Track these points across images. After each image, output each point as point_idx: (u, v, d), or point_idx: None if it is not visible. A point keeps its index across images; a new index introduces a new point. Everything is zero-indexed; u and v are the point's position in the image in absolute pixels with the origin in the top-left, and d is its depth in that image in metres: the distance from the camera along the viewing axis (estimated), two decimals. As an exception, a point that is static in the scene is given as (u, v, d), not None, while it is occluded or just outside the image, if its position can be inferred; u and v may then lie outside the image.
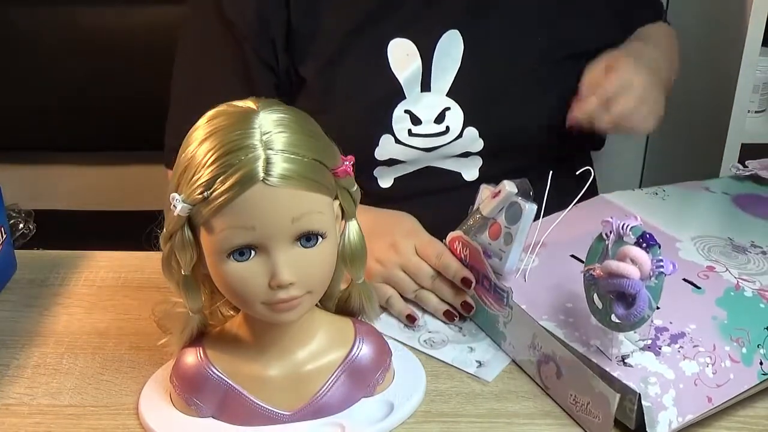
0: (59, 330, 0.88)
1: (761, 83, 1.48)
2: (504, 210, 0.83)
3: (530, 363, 0.80)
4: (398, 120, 1.02)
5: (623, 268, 0.68)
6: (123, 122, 1.61)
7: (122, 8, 1.58)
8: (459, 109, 1.03)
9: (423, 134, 1.03)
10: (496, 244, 0.83)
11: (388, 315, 0.88)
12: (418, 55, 1.02)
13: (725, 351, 0.74)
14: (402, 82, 1.02)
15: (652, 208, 0.94)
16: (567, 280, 0.81)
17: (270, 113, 0.66)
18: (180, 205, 0.65)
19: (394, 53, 1.02)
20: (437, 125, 1.03)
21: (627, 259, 0.69)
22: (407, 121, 1.02)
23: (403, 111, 1.02)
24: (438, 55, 1.03)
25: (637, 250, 0.69)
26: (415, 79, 1.02)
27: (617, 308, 0.70)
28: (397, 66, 1.02)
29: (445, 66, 1.03)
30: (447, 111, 1.03)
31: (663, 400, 0.71)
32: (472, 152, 1.05)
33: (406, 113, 1.03)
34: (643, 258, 0.68)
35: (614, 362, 0.73)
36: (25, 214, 1.54)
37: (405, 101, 1.02)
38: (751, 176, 1.03)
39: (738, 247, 0.87)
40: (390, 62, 1.02)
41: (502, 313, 0.82)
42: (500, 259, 0.83)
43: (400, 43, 1.02)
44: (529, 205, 0.81)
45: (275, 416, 0.73)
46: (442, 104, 1.03)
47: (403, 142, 1.03)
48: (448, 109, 1.03)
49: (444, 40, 1.03)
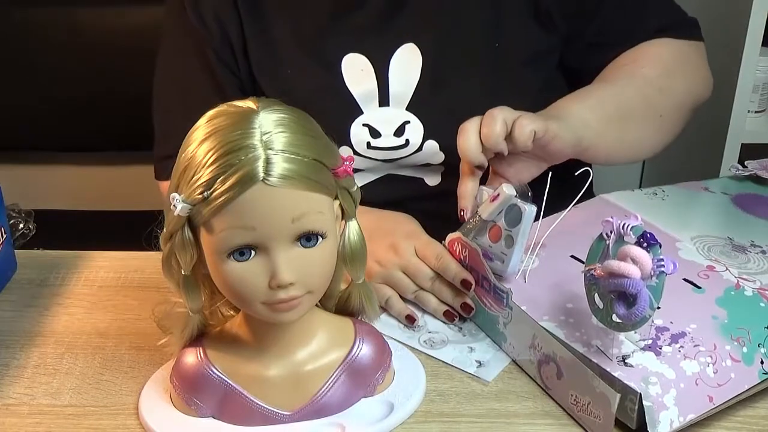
0: (59, 330, 0.88)
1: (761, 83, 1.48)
2: (503, 213, 0.83)
3: (531, 363, 0.80)
4: (356, 134, 1.02)
5: (624, 267, 0.68)
6: (123, 122, 1.61)
7: (122, 8, 1.58)
8: (419, 123, 1.03)
9: (382, 147, 1.03)
10: (497, 246, 0.83)
11: (388, 315, 0.88)
12: (373, 70, 1.02)
13: (726, 350, 0.74)
14: (357, 98, 1.02)
15: (651, 208, 0.94)
16: (567, 280, 0.81)
17: (270, 113, 0.66)
18: (180, 205, 0.65)
19: (348, 69, 1.02)
20: (397, 138, 1.03)
21: (628, 259, 0.69)
22: (366, 134, 1.02)
23: (361, 125, 1.02)
24: (395, 69, 1.02)
25: (638, 249, 0.69)
26: (370, 95, 1.02)
27: (618, 308, 0.69)
28: (351, 82, 1.02)
29: (404, 79, 1.02)
30: (407, 124, 1.03)
31: (664, 399, 0.71)
32: (433, 164, 1.05)
33: (365, 126, 1.02)
34: (644, 257, 0.68)
35: (615, 362, 0.73)
36: (25, 214, 1.55)
37: (363, 116, 1.02)
38: (751, 176, 1.03)
39: (738, 247, 0.87)
40: (344, 78, 1.02)
41: (502, 314, 0.82)
42: (502, 261, 0.83)
43: (354, 59, 1.02)
44: (529, 207, 0.81)
45: (275, 416, 0.73)
46: (401, 118, 1.02)
47: (362, 154, 1.03)
48: (408, 122, 1.03)
49: (400, 53, 1.02)
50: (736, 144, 1.47)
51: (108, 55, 1.58)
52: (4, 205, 0.94)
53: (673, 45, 1.07)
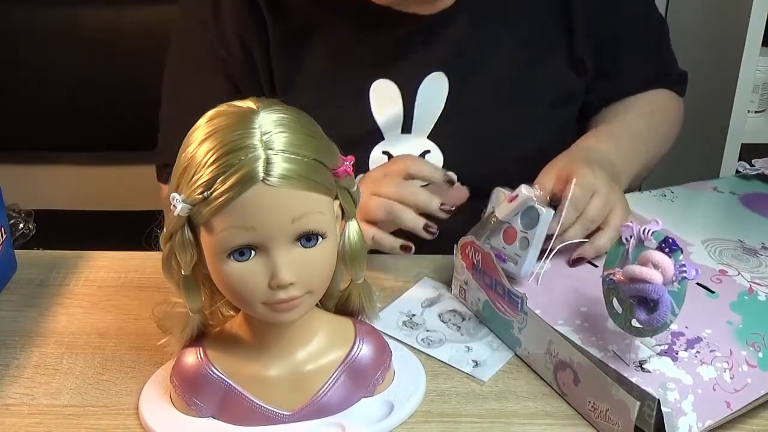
0: (59, 330, 0.88)
1: (761, 83, 1.48)
2: (520, 214, 0.83)
3: (547, 369, 0.79)
4: (375, 160, 1.01)
5: (646, 272, 0.68)
6: (123, 122, 1.61)
7: (122, 8, 1.58)
8: (439, 152, 1.02)
9: None
10: (511, 248, 0.83)
11: (388, 314, 0.88)
12: (401, 98, 1.01)
13: (742, 356, 0.74)
14: (381, 125, 1.01)
15: (661, 211, 0.94)
16: (581, 284, 0.81)
17: (270, 113, 0.66)
18: (180, 205, 0.65)
19: (377, 95, 1.01)
20: None
21: (649, 264, 0.68)
22: (384, 161, 1.00)
23: (381, 152, 1.02)
24: (421, 96, 1.01)
25: (660, 255, 0.68)
26: (395, 122, 1.01)
27: (639, 313, 0.69)
28: (377, 109, 1.01)
29: (428, 108, 1.01)
30: (427, 153, 1.02)
31: (682, 405, 0.70)
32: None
33: (384, 154, 1.02)
34: (666, 263, 0.68)
35: (632, 367, 0.72)
36: (25, 214, 1.55)
37: (384, 142, 1.02)
38: (758, 175, 1.03)
39: (749, 250, 0.88)
40: (371, 104, 1.01)
41: (517, 319, 0.82)
42: (515, 263, 0.83)
43: (383, 85, 1.01)
44: (547, 209, 0.81)
45: (275, 416, 0.73)
46: (422, 146, 1.02)
47: None
48: (428, 151, 1.02)
49: (428, 81, 1.01)
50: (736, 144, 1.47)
51: (108, 55, 1.58)
52: (4, 205, 0.94)
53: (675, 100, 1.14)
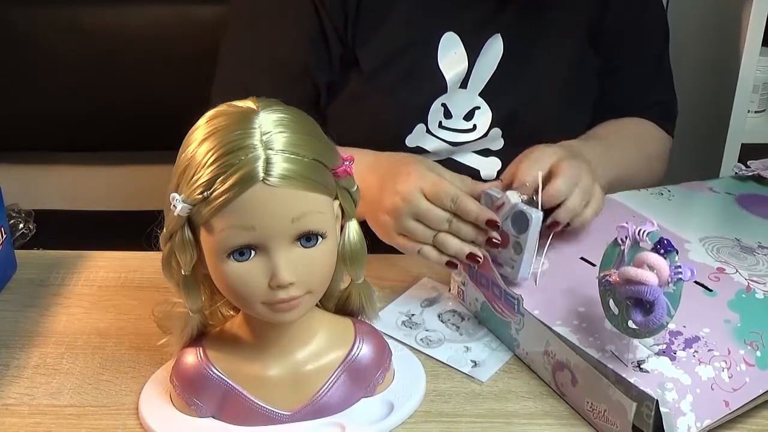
0: (59, 330, 0.88)
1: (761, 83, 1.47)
2: (510, 219, 0.83)
3: (545, 370, 0.79)
4: (434, 112, 1.04)
5: (641, 274, 0.68)
6: (123, 122, 1.61)
7: (122, 8, 1.58)
8: (488, 110, 1.05)
9: (452, 128, 1.05)
10: (506, 253, 0.83)
11: (387, 314, 0.88)
12: (466, 55, 1.03)
13: (740, 355, 0.74)
14: (448, 79, 1.03)
15: (658, 209, 0.94)
16: (578, 283, 0.81)
17: (270, 113, 0.66)
18: (180, 205, 0.65)
19: (444, 49, 1.03)
20: (466, 122, 1.05)
21: (645, 266, 0.68)
22: (440, 114, 1.04)
23: (440, 104, 1.04)
24: (483, 55, 1.04)
25: (655, 256, 0.68)
26: (459, 78, 1.04)
27: (635, 315, 0.69)
28: (444, 63, 1.03)
29: (483, 67, 1.04)
30: (477, 110, 1.05)
31: (681, 405, 0.70)
32: (492, 150, 1.06)
33: (442, 106, 1.04)
34: (661, 264, 0.68)
35: (630, 368, 0.72)
36: (25, 214, 1.54)
37: (444, 96, 1.04)
38: (753, 176, 1.03)
39: (746, 248, 0.87)
40: (438, 58, 1.03)
41: (514, 320, 0.82)
42: (512, 267, 0.83)
43: (451, 39, 1.03)
44: (536, 213, 0.80)
45: (275, 416, 0.73)
46: (473, 103, 1.05)
47: (433, 133, 1.04)
48: (478, 108, 1.05)
49: (490, 42, 1.04)
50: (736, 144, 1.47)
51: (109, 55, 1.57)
52: (4, 205, 0.94)
53: (663, 136, 1.17)
